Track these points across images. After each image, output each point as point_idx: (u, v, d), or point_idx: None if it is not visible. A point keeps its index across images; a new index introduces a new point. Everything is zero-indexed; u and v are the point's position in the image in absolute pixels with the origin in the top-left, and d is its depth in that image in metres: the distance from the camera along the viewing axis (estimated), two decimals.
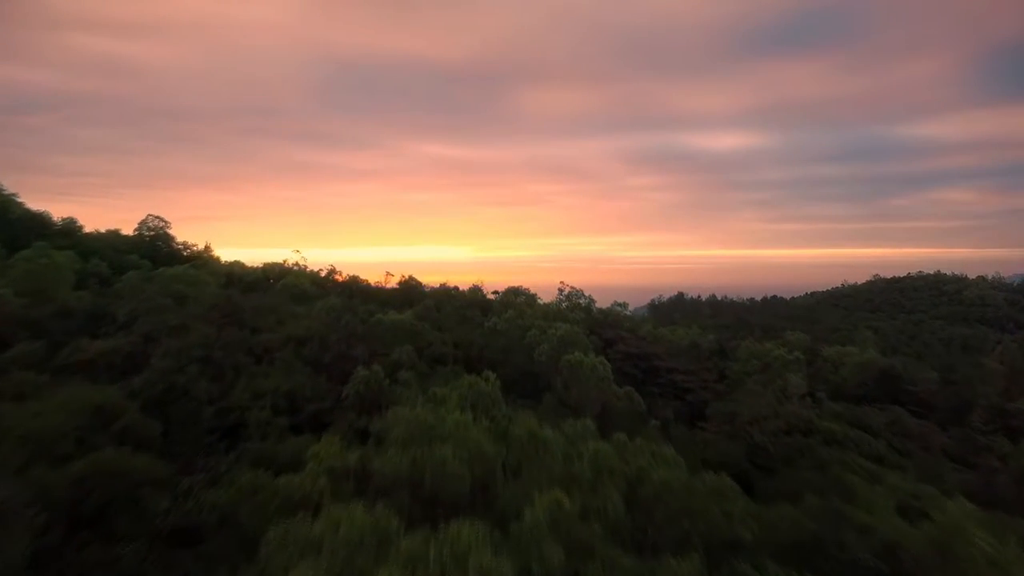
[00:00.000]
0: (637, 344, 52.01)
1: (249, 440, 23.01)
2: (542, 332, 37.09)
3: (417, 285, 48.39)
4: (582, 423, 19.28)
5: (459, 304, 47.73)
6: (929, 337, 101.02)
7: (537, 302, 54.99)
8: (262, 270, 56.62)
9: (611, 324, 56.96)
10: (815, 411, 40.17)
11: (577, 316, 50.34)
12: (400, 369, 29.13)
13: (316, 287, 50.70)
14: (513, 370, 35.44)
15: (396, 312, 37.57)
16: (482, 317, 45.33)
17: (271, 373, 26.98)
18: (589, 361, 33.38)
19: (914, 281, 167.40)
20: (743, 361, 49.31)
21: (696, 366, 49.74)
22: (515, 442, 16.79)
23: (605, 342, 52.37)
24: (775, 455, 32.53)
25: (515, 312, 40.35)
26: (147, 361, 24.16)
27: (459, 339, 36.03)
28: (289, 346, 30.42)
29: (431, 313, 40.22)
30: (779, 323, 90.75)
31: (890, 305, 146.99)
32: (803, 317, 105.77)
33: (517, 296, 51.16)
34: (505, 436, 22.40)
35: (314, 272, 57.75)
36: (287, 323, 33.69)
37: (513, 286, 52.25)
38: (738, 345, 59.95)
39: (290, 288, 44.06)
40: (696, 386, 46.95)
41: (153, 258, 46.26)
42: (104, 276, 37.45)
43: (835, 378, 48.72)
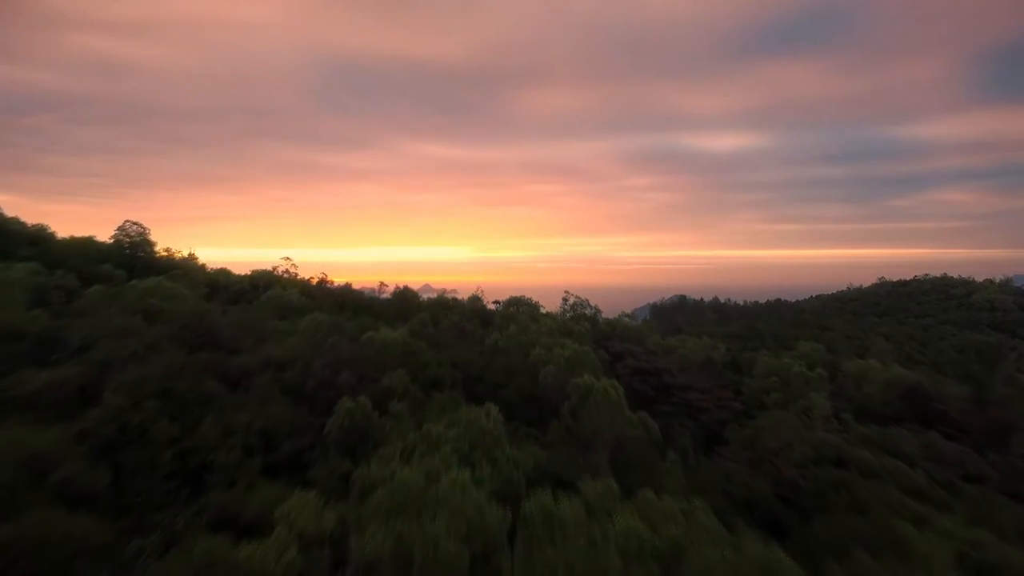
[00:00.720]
0: (647, 359, 49.04)
1: (214, 489, 20.01)
2: (548, 351, 34.07)
3: (413, 296, 45.29)
4: (604, 485, 16.26)
5: (458, 316, 44.70)
6: (941, 344, 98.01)
7: (540, 311, 52.02)
8: (249, 278, 53.56)
9: (618, 336, 54.03)
10: (843, 435, 37.18)
11: (583, 329, 47.33)
12: (391, 398, 26.12)
13: (306, 297, 47.68)
14: (516, 393, 32.46)
15: (389, 328, 34.54)
16: (482, 330, 42.33)
17: (245, 404, 23.92)
18: (600, 385, 30.33)
19: (921, 284, 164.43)
20: (760, 378, 46.31)
21: (710, 383, 46.78)
22: (527, 520, 13.76)
23: (613, 356, 49.41)
24: (807, 491, 29.60)
25: (518, 327, 37.32)
26: (102, 395, 21.15)
27: (457, 359, 33.00)
28: (268, 371, 27.38)
29: (427, 328, 37.22)
30: (789, 331, 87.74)
31: (898, 309, 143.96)
32: (812, 323, 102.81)
33: (519, 306, 48.14)
34: (510, 485, 19.49)
35: (305, 280, 54.74)
36: (269, 342, 30.65)
37: (515, 296, 49.22)
38: (752, 358, 57.02)
39: (276, 300, 41.05)
40: (711, 405, 43.98)
41: (131, 267, 43.19)
42: (71, 290, 34.41)
43: (858, 395, 45.72)
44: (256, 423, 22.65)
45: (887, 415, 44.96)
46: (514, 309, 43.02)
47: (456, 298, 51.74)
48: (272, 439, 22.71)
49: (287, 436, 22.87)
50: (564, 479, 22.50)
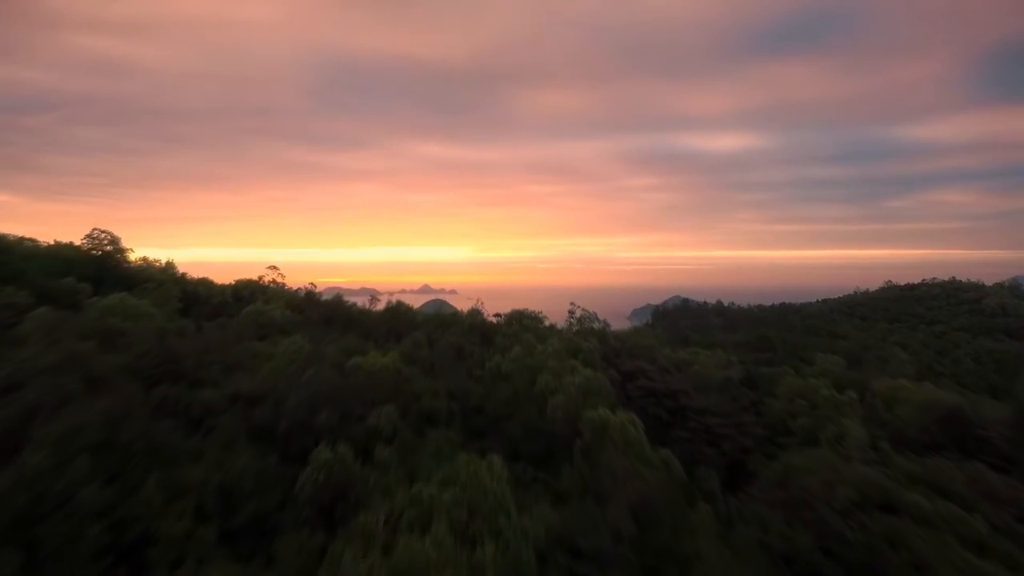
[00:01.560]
0: (661, 378, 45.42)
1: (155, 569, 16.36)
2: (556, 377, 30.49)
3: (406, 311, 41.61)
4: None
5: (456, 333, 41.05)
6: (957, 352, 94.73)
7: (544, 324, 48.39)
8: (233, 289, 49.87)
9: (629, 352, 50.40)
10: (884, 469, 33.64)
11: (591, 346, 43.67)
12: (378, 440, 22.48)
13: (293, 311, 44.02)
14: (521, 427, 28.85)
15: (379, 353, 30.89)
16: (483, 350, 38.69)
17: (204, 454, 20.26)
18: (617, 420, 26.78)
19: (930, 288, 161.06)
20: (784, 399, 42.74)
21: (730, 406, 43.19)
22: None
23: (624, 375, 45.75)
24: (855, 543, 26.05)
25: (522, 349, 33.68)
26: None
27: (455, 387, 29.34)
28: (236, 408, 23.73)
29: (421, 350, 33.60)
30: (802, 339, 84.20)
31: (908, 314, 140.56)
32: (823, 331, 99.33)
33: (523, 320, 44.51)
34: (518, 565, 15.87)
35: (293, 290, 51.05)
36: (241, 371, 26.99)
37: (518, 308, 45.59)
38: (771, 375, 53.43)
39: (257, 317, 37.42)
40: (733, 431, 40.34)
41: (99, 281, 39.52)
42: (23, 308, 30.74)
43: (891, 420, 42.18)
44: (213, 479, 18.99)
45: (925, 443, 41.44)
46: (517, 325, 39.28)
47: (455, 311, 48.08)
48: (232, 498, 19.04)
49: (251, 494, 19.20)
50: (583, 549, 18.94)
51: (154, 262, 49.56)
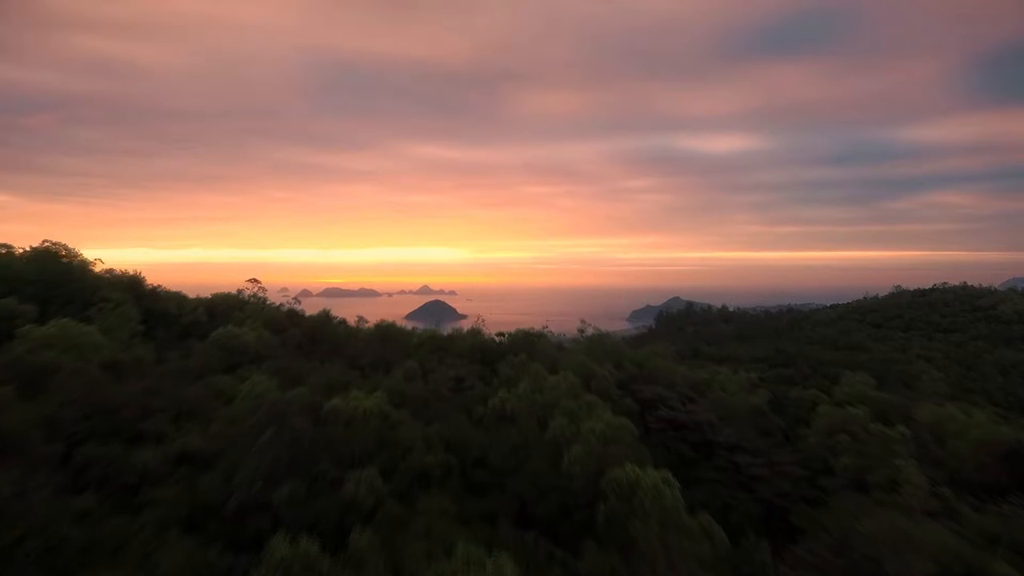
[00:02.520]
0: (683, 408, 40.80)
1: None
2: (571, 421, 25.92)
3: (397, 334, 36.81)
4: None
5: (454, 356, 36.47)
6: (984, 366, 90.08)
7: (551, 340, 43.78)
8: (209, 304, 45.16)
9: (646, 377, 45.77)
10: (956, 528, 29.04)
11: (605, 371, 39.08)
12: (354, 520, 17.86)
13: (272, 331, 39.33)
14: (530, 484, 24.23)
15: (364, 388, 26.23)
16: (486, 378, 34.05)
17: (123, 551, 15.61)
18: (648, 481, 22.20)
19: (943, 294, 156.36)
20: (822, 433, 38.12)
21: (763, 441, 38.58)
22: None
23: (641, 404, 41.10)
24: None
25: (530, 382, 29.03)
26: None
27: (452, 435, 24.69)
28: (180, 475, 19.10)
29: (414, 384, 28.97)
30: (819, 352, 79.59)
31: (923, 322, 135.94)
32: (839, 342, 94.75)
33: (531, 343, 39.87)
34: None
35: (274, 308, 46.34)
36: (194, 422, 22.35)
37: (524, 328, 41.00)
38: (800, 399, 48.77)
39: (227, 342, 32.80)
40: (767, 472, 35.77)
41: (47, 300, 34.93)
42: None
43: (944, 456, 37.63)
44: None
45: (985, 485, 36.81)
46: (524, 355, 34.36)
47: (454, 329, 43.35)
48: None
49: None
50: None
51: (121, 273, 44.86)
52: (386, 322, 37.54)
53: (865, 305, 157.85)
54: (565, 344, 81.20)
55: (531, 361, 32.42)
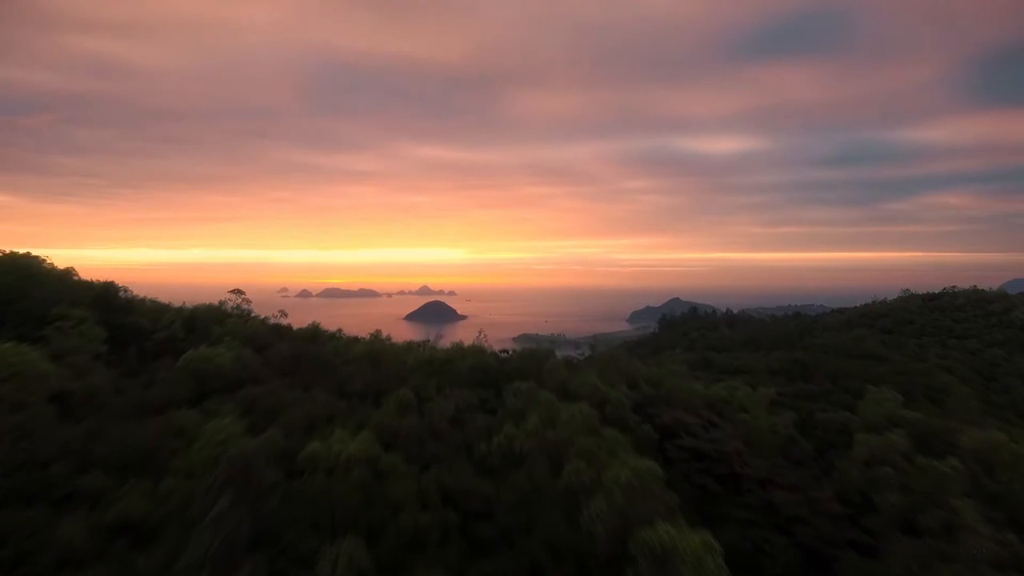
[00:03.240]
0: (707, 435, 37.23)
1: None
2: (589, 465, 22.33)
3: (392, 354, 33.04)
4: None
5: (453, 380, 32.79)
6: (1007, 377, 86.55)
7: (560, 362, 40.14)
8: (188, 316, 41.45)
9: (664, 399, 42.09)
10: None
11: (620, 394, 35.47)
12: None
13: (254, 349, 35.69)
14: (544, 544, 20.64)
15: (349, 426, 22.62)
16: (488, 407, 30.43)
17: None
18: (687, 545, 18.66)
19: (953, 298, 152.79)
20: (862, 464, 34.47)
21: (797, 473, 35.00)
22: None
23: (660, 431, 37.43)
24: None
25: (541, 415, 25.40)
26: None
27: (452, 484, 21.08)
28: (114, 552, 15.48)
29: (408, 418, 25.35)
30: (836, 362, 75.93)
31: (935, 327, 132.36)
32: (854, 350, 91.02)
33: (538, 359, 36.22)
34: None
35: (258, 321, 42.63)
36: (144, 476, 18.72)
37: (531, 347, 37.39)
38: (829, 422, 45.11)
39: (199, 366, 29.15)
40: (805, 512, 32.15)
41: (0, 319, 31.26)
42: None
43: (997, 490, 34.05)
44: None
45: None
46: (532, 381, 30.55)
47: (455, 347, 39.66)
48: None
49: None
50: None
51: (92, 282, 41.19)
52: (379, 340, 33.64)
53: (875, 309, 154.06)
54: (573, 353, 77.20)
55: (540, 389, 28.76)
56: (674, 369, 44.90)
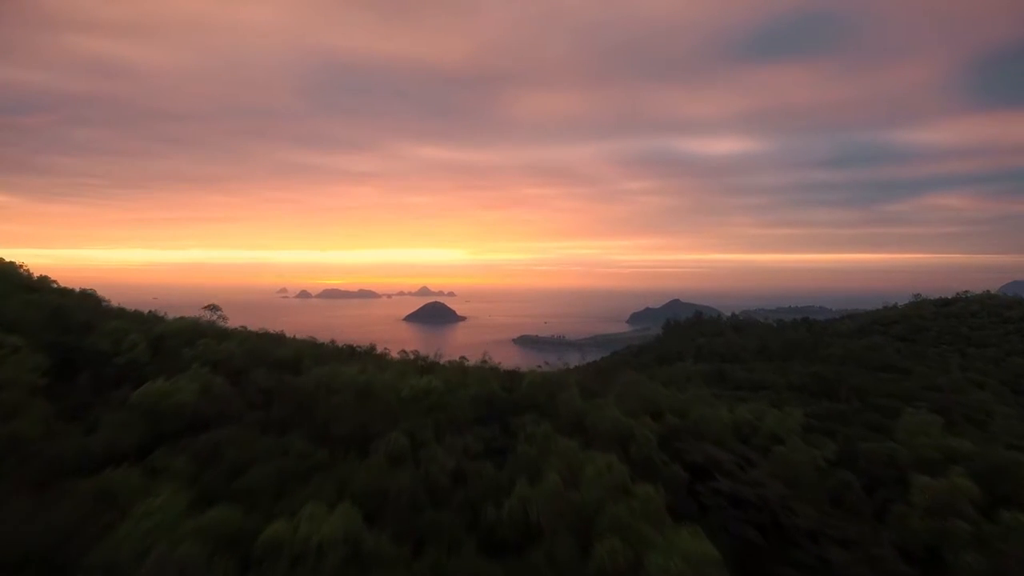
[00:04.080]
0: (743, 475, 32.84)
1: None
2: (626, 543, 17.93)
3: (383, 390, 28.26)
4: None
5: (454, 412, 28.32)
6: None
7: (576, 392, 35.64)
8: (157, 334, 36.98)
9: (690, 431, 37.58)
10: None
11: (646, 431, 31.00)
12: None
13: (226, 377, 31.21)
14: None
15: (325, 496, 18.18)
16: (497, 450, 25.97)
17: None
18: None
19: (968, 304, 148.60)
20: (924, 512, 30.03)
21: (853, 525, 30.55)
22: None
23: (692, 471, 33.01)
24: None
25: (561, 472, 20.93)
26: None
27: (454, 570, 16.66)
28: None
29: (400, 475, 20.92)
30: (857, 376, 71.67)
31: (951, 334, 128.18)
32: (873, 361, 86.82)
33: (552, 391, 31.80)
34: None
35: (239, 339, 38.10)
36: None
37: (541, 370, 32.97)
38: (875, 453, 40.56)
39: (156, 403, 24.69)
40: (868, 572, 27.86)
41: None
42: None
43: None
44: None
45: None
46: (547, 424, 25.73)
47: (456, 369, 35.32)
48: None
49: None
50: None
51: (50, 297, 36.73)
52: (373, 359, 29.13)
53: (886, 315, 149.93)
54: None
55: (557, 434, 24.26)
56: (700, 395, 40.41)
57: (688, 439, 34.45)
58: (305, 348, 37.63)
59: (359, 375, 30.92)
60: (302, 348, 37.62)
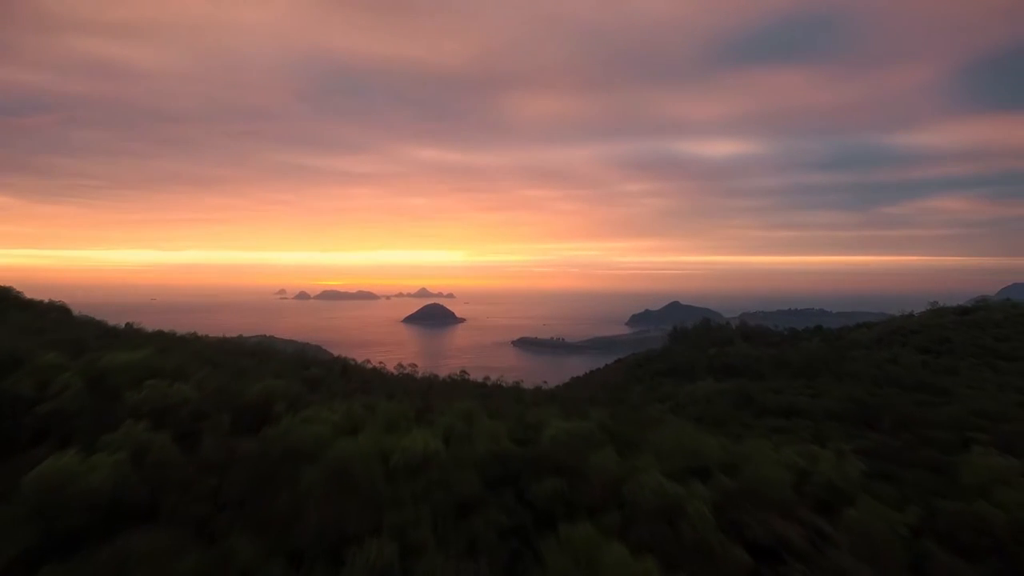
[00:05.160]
0: (821, 558, 26.58)
1: None
2: None
3: (366, 458, 21.88)
4: None
5: (459, 490, 22.10)
6: None
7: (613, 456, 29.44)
8: (99, 373, 30.63)
9: (749, 495, 31.27)
10: None
11: (698, 505, 24.76)
12: None
13: (178, 440, 24.88)
14: None
15: None
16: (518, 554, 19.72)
17: None
18: None
19: (990, 313, 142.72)
20: None
21: None
22: None
23: (755, 553, 26.79)
24: None
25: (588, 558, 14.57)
26: None
27: None
28: None
29: None
30: (895, 399, 65.65)
31: (975, 346, 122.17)
32: (905, 379, 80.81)
33: (582, 453, 25.50)
34: None
35: (193, 388, 31.73)
36: None
37: (567, 426, 26.67)
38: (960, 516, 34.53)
39: (60, 487, 18.38)
40: None
41: None
42: None
43: None
44: None
45: None
46: (587, 528, 18.92)
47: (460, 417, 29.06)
48: None
49: None
50: None
51: None
52: (347, 444, 22.32)
53: (905, 325, 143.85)
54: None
55: (603, 540, 17.89)
56: (760, 446, 34.09)
57: (746, 507, 28.28)
58: (278, 388, 31.28)
59: (337, 432, 24.54)
60: (274, 388, 31.28)
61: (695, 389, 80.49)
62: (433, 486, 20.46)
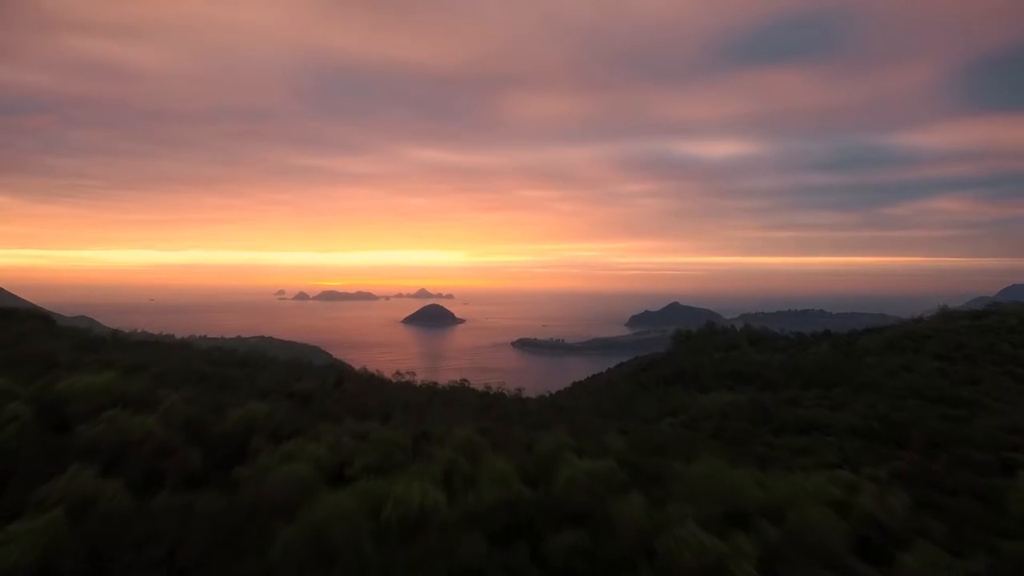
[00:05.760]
0: None
1: None
2: None
3: (351, 518, 19.05)
4: None
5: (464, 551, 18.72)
6: None
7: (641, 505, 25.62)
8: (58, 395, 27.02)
9: (794, 544, 28.01)
10: None
11: (745, 568, 21.36)
12: None
13: (132, 478, 21.33)
14: None
15: None
16: None
17: None
18: None
19: (1004, 318, 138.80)
20: None
21: None
22: None
23: None
24: None
25: None
26: None
27: None
28: None
29: None
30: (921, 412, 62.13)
31: (993, 353, 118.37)
32: (926, 389, 77.30)
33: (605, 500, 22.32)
34: None
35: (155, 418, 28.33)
36: None
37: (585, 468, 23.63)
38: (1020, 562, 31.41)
39: None
40: None
41: None
42: None
43: None
44: None
45: None
46: None
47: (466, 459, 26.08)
48: None
49: None
50: None
51: None
52: (332, 503, 19.56)
53: (917, 330, 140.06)
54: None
55: None
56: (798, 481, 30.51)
57: (794, 560, 24.90)
58: (259, 416, 27.49)
59: (320, 472, 20.70)
60: (254, 416, 27.54)
61: (708, 402, 76.82)
62: (431, 556, 16.57)
